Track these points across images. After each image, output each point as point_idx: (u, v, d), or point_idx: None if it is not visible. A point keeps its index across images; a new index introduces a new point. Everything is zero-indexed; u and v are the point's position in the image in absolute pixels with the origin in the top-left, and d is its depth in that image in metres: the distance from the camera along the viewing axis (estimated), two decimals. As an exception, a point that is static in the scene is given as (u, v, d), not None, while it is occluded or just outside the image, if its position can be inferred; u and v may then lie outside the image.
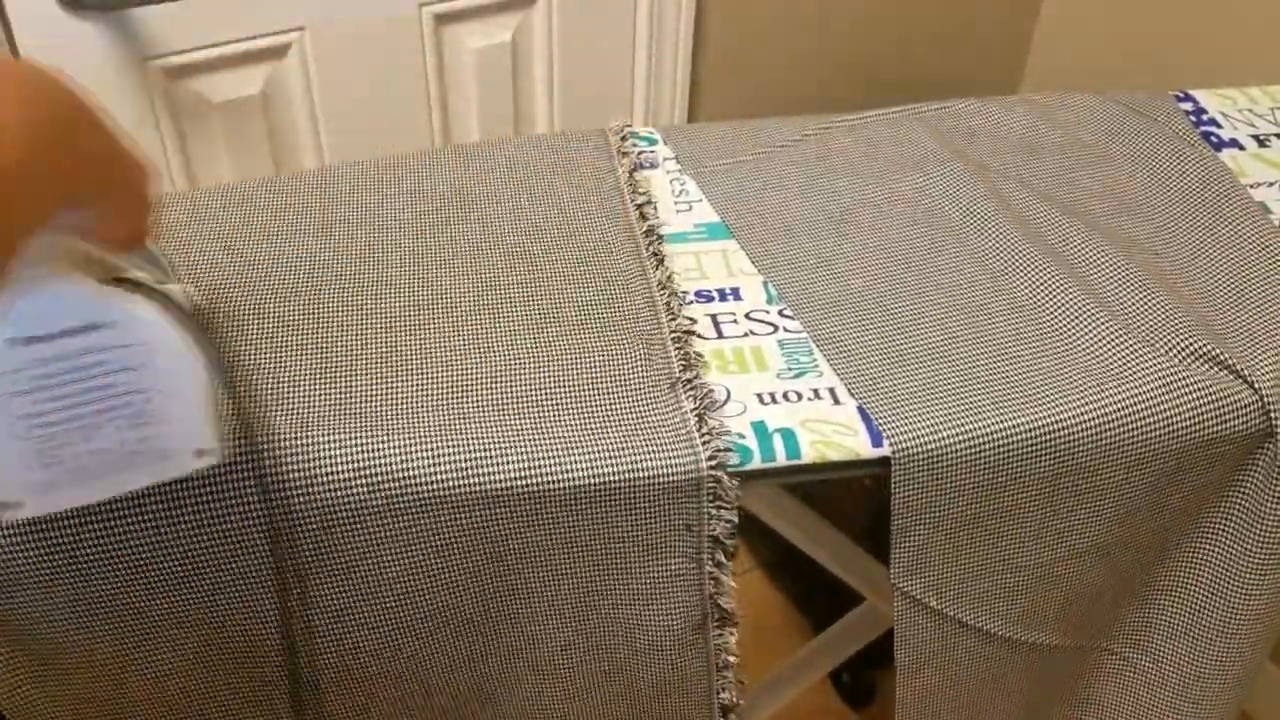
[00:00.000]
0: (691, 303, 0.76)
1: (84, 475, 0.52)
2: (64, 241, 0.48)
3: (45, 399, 0.49)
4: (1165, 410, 0.69)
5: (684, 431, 0.65)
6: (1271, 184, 0.90)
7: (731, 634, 0.71)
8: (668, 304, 0.75)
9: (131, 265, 0.52)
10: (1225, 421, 0.69)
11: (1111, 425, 0.68)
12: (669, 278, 0.77)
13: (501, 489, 0.63)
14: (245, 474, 0.61)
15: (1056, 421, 0.67)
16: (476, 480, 0.62)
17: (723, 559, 0.67)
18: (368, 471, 0.62)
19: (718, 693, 0.73)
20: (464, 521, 0.64)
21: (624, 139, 0.91)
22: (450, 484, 0.62)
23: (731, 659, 0.72)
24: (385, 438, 0.63)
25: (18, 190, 0.39)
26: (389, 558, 0.66)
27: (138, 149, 0.53)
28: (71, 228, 0.48)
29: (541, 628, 0.68)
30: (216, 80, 1.14)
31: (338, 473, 0.62)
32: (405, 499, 0.63)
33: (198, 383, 0.52)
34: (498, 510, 0.63)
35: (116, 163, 0.48)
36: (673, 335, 0.72)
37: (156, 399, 0.51)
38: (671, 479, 0.64)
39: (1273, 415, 0.70)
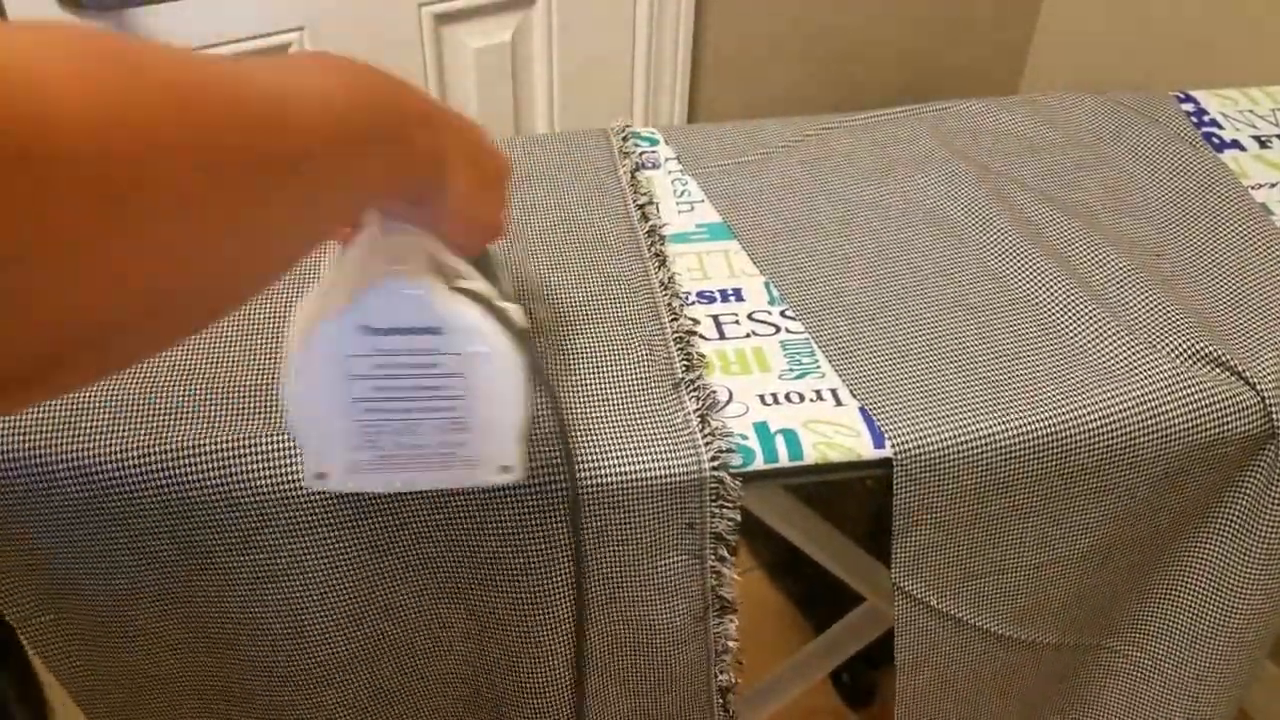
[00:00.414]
0: (693, 303, 0.76)
1: (392, 465, 0.54)
2: (419, 243, 0.50)
3: (381, 386, 0.51)
4: (1167, 411, 0.69)
5: (686, 432, 0.65)
6: (1273, 185, 0.90)
7: (732, 621, 0.71)
8: (670, 305, 0.75)
9: (472, 275, 0.53)
10: (1227, 423, 0.69)
11: (1113, 426, 0.68)
12: (671, 278, 0.77)
13: (501, 489, 0.63)
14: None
15: (1058, 422, 0.67)
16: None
17: (725, 553, 0.67)
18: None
19: (716, 676, 0.73)
20: (467, 522, 0.64)
21: (625, 139, 0.91)
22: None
23: (731, 644, 0.72)
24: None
25: (335, 150, 0.38)
26: (390, 558, 0.66)
27: (493, 148, 0.52)
28: (422, 227, 0.50)
29: (543, 626, 0.68)
30: (216, 80, 1.14)
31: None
32: (407, 498, 0.63)
33: (518, 403, 0.53)
34: (500, 511, 0.63)
35: (456, 160, 0.48)
36: (675, 336, 0.72)
37: (478, 410, 0.53)
38: (674, 480, 0.63)
39: (1274, 417, 0.70)
